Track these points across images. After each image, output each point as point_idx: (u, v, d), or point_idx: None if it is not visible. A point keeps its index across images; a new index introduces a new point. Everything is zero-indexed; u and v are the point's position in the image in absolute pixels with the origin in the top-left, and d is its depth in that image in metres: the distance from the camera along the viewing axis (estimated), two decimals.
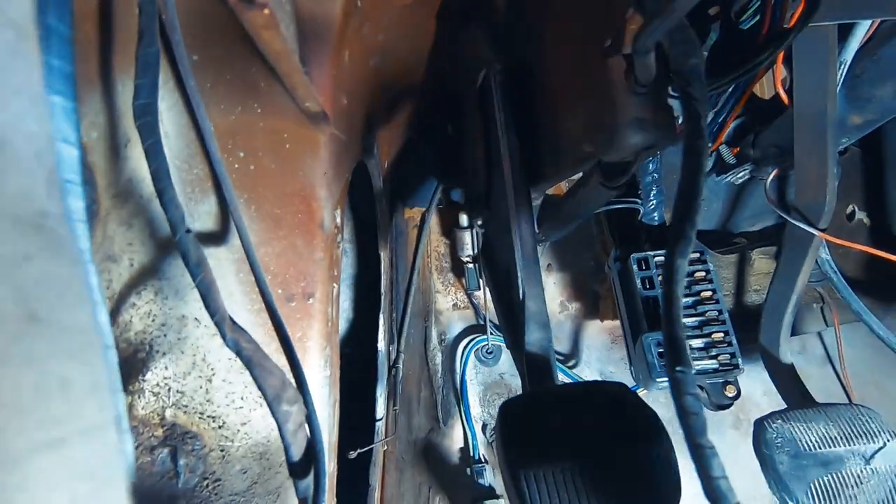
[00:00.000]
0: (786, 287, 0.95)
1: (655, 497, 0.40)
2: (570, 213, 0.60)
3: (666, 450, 0.42)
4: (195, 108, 0.40)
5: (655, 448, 0.42)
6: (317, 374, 0.47)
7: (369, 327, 1.07)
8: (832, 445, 0.78)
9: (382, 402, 0.97)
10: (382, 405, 0.97)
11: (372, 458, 0.90)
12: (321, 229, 0.47)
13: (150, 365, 0.41)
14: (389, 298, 1.06)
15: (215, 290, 0.32)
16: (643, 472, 0.41)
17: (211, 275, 0.32)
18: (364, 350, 1.06)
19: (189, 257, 0.32)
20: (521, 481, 0.40)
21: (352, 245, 1.18)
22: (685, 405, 0.26)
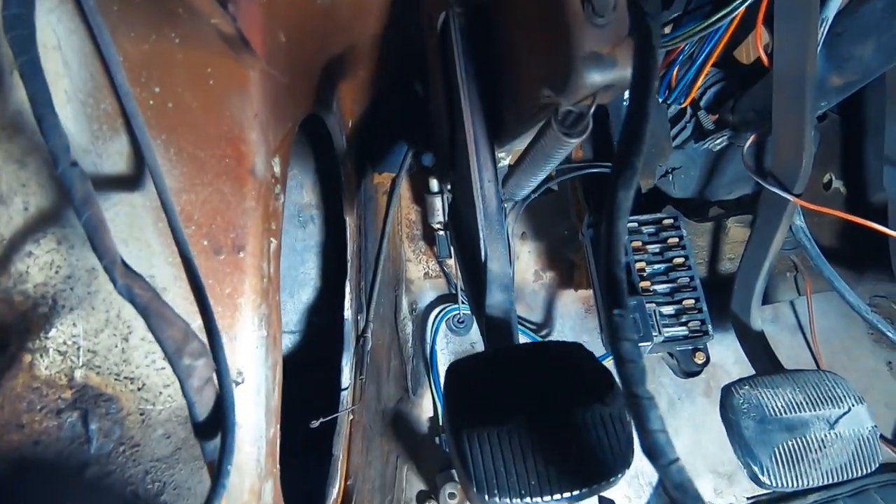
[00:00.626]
0: (759, 253, 0.93)
1: (606, 457, 0.38)
2: (531, 167, 0.56)
3: (619, 408, 0.40)
4: (96, 31, 0.35)
5: (608, 407, 0.40)
6: (250, 333, 0.43)
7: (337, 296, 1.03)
8: (798, 411, 0.77)
9: (348, 371, 0.95)
10: (348, 375, 0.95)
11: (336, 427, 0.88)
12: (252, 176, 0.43)
13: (54, 321, 0.37)
14: (357, 266, 1.02)
15: (104, 229, 0.28)
16: (594, 432, 0.39)
17: (100, 213, 0.28)
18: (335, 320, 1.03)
19: (74, 192, 0.28)
20: (463, 442, 0.37)
21: (319, 212, 1.14)
22: (622, 351, 0.24)
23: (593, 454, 0.38)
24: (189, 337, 0.28)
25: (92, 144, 0.38)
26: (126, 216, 0.39)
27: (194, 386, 0.28)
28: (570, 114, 0.46)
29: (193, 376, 0.28)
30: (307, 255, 1.13)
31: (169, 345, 0.28)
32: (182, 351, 0.28)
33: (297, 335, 1.11)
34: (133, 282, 0.28)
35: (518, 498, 0.36)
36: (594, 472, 0.38)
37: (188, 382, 0.28)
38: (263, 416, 0.44)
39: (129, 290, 0.28)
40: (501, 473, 0.37)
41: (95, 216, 0.28)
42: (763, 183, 0.91)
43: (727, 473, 1.02)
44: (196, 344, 0.29)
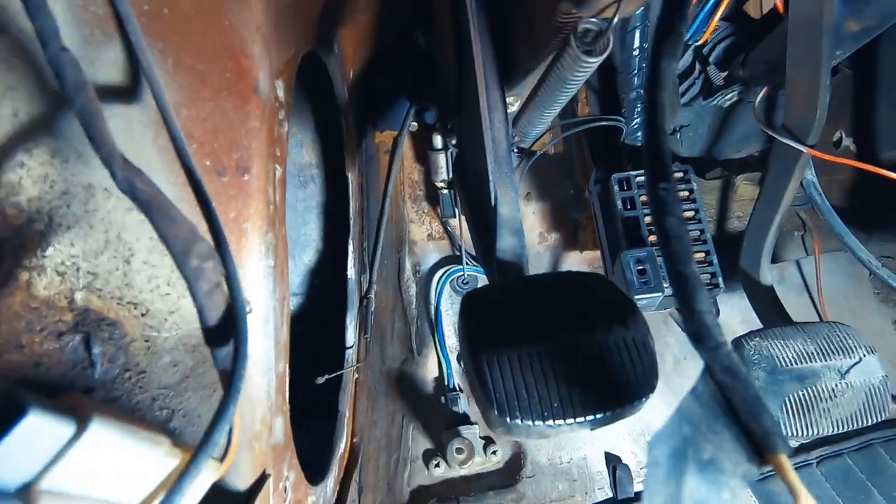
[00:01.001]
0: (770, 207, 0.92)
1: (630, 381, 0.37)
2: (547, 97, 0.54)
3: (642, 334, 0.39)
4: None
5: (630, 332, 0.38)
6: (257, 261, 0.41)
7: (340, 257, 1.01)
8: (808, 361, 0.77)
9: (352, 330, 0.93)
10: (353, 334, 0.93)
11: (342, 385, 0.87)
12: (255, 93, 0.40)
13: (51, 239, 0.35)
14: (359, 226, 1.00)
15: (100, 118, 0.26)
16: (617, 356, 0.37)
17: (96, 101, 0.26)
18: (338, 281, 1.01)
19: (65, 77, 0.25)
20: (482, 365, 0.36)
21: (319, 171, 1.11)
22: (667, 227, 0.22)
23: (616, 378, 0.37)
24: (196, 237, 0.27)
25: (84, 50, 0.35)
26: (123, 131, 0.37)
27: (203, 289, 0.26)
28: (590, 31, 0.44)
29: (202, 279, 0.26)
30: (308, 215, 1.11)
31: (175, 244, 0.26)
32: (189, 251, 0.26)
33: (300, 297, 1.10)
34: (134, 175, 0.26)
35: (541, 420, 0.35)
36: (617, 395, 0.36)
37: (197, 285, 0.26)
38: (273, 348, 0.43)
39: (130, 185, 0.25)
40: (523, 396, 0.35)
41: (90, 103, 0.25)
42: (775, 135, 0.89)
43: None
44: (204, 245, 0.27)
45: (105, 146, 0.25)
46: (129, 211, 0.38)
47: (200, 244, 0.27)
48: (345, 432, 0.83)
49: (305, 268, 1.11)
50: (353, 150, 0.95)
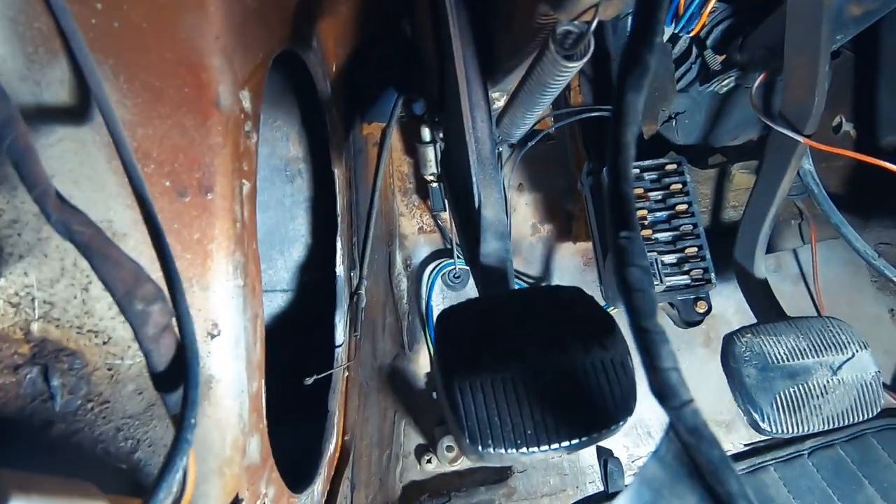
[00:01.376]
0: (765, 199, 0.90)
1: (607, 404, 0.36)
2: (528, 99, 0.52)
3: (621, 354, 0.37)
4: None
5: (609, 352, 0.37)
6: (224, 281, 0.40)
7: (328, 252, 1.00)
8: (800, 357, 0.76)
9: (342, 328, 0.93)
10: (342, 332, 0.93)
11: (332, 384, 0.87)
12: (216, 108, 0.39)
13: (1, 270, 0.34)
14: (348, 221, 0.99)
15: (32, 156, 0.24)
16: (594, 378, 0.36)
17: (27, 137, 0.24)
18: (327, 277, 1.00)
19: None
20: (454, 392, 0.35)
21: (306, 165, 1.09)
22: (629, 278, 0.21)
23: (593, 401, 0.36)
24: (141, 279, 0.25)
25: (27, 69, 0.33)
26: (75, 153, 0.35)
27: (149, 334, 0.25)
28: (570, 34, 0.42)
29: (148, 324, 0.25)
30: (296, 210, 1.09)
31: (117, 287, 0.25)
32: (133, 294, 0.25)
33: (289, 293, 1.09)
34: (71, 216, 0.24)
35: (514, 448, 0.34)
36: (594, 419, 0.35)
37: (142, 330, 0.25)
38: (244, 369, 0.42)
39: (65, 227, 0.24)
40: (496, 423, 0.35)
41: (21, 140, 0.24)
42: (772, 124, 0.86)
43: (725, 422, 1.02)
44: (149, 287, 0.25)
45: (38, 184, 0.24)
46: None
47: (145, 286, 0.25)
48: (334, 432, 0.82)
49: (294, 264, 1.10)
50: (339, 144, 0.93)
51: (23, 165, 0.24)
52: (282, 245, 1.09)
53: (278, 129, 1.06)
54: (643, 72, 0.20)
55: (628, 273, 0.21)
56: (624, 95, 0.21)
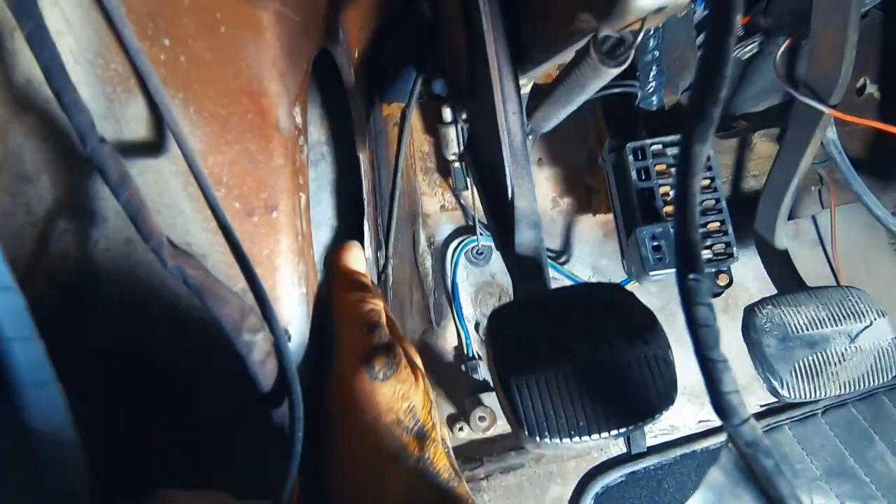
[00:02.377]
0: (787, 169, 0.90)
1: (651, 395, 0.39)
2: (563, 99, 0.53)
3: (663, 350, 0.41)
4: None
5: (651, 347, 0.40)
6: (291, 292, 0.43)
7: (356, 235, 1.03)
8: (819, 327, 0.79)
9: None
10: None
11: None
12: (277, 131, 0.41)
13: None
14: (373, 203, 1.01)
15: (146, 210, 0.27)
16: (638, 372, 0.40)
17: (138, 193, 0.27)
18: None
19: (108, 173, 0.26)
20: (512, 390, 0.39)
21: (329, 147, 1.10)
22: (697, 317, 0.23)
23: (638, 394, 0.40)
24: (245, 312, 0.28)
25: (109, 109, 0.35)
26: (155, 184, 0.38)
27: (256, 361, 0.29)
28: (610, 38, 0.43)
29: (254, 351, 0.28)
30: (322, 194, 1.11)
31: (228, 323, 0.28)
32: (241, 328, 0.28)
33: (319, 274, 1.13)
34: (184, 262, 0.27)
35: (568, 438, 0.38)
36: (639, 410, 0.39)
37: (250, 358, 0.28)
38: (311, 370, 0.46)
39: (181, 271, 0.27)
40: (551, 416, 0.38)
41: (134, 196, 0.26)
42: (796, 94, 0.86)
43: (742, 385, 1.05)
44: (253, 319, 0.29)
45: (153, 236, 0.27)
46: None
47: (250, 319, 0.29)
48: None
49: (323, 246, 1.13)
50: (362, 129, 0.94)
51: (139, 219, 0.26)
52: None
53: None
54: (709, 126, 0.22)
55: (696, 311, 0.23)
56: (691, 148, 0.22)
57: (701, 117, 0.22)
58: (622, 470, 0.91)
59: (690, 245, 0.23)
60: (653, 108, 0.95)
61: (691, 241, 0.23)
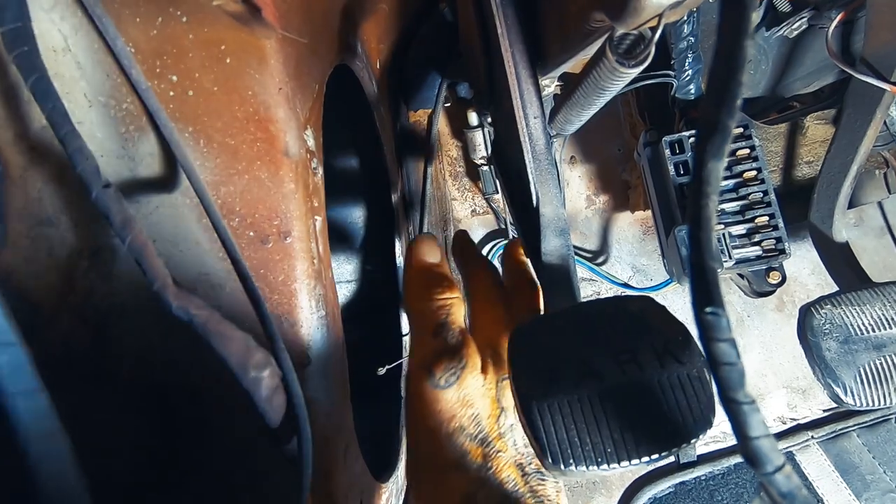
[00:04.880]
0: (845, 154, 0.83)
1: (686, 419, 0.36)
2: (583, 101, 0.50)
3: (698, 368, 0.38)
4: (99, 24, 0.33)
5: (685, 367, 0.38)
6: (309, 316, 0.43)
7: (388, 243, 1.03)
8: (888, 327, 0.72)
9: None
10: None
11: (402, 371, 0.92)
12: (286, 157, 0.41)
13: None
14: (402, 213, 1.01)
15: (149, 251, 0.27)
16: (671, 394, 0.37)
17: (142, 235, 0.28)
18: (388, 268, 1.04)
19: (112, 217, 0.27)
20: (534, 414, 0.37)
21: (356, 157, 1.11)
22: (716, 354, 0.21)
23: (671, 417, 0.37)
24: (251, 350, 0.28)
25: (123, 148, 0.36)
26: (170, 218, 0.38)
27: (264, 397, 0.29)
28: (627, 37, 0.40)
29: (261, 387, 0.28)
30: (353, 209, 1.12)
31: (233, 361, 0.28)
32: (247, 365, 0.28)
33: (353, 284, 1.14)
34: (188, 302, 0.27)
35: (595, 465, 0.36)
36: (673, 435, 0.36)
37: (258, 395, 0.28)
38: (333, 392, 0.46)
39: (186, 312, 0.27)
40: (576, 442, 0.36)
41: (138, 239, 0.27)
42: (852, 72, 0.79)
43: (801, 388, 0.99)
44: (259, 355, 0.29)
45: (158, 278, 0.27)
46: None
47: (256, 356, 0.28)
48: None
49: (356, 255, 1.14)
50: (388, 138, 0.94)
51: (143, 262, 0.27)
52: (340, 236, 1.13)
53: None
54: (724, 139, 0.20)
55: (716, 349, 0.21)
56: (705, 165, 0.20)
57: (715, 130, 0.20)
58: (671, 480, 0.87)
59: (706, 273, 0.21)
60: (690, 97, 0.90)
61: (708, 270, 0.21)
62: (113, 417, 0.38)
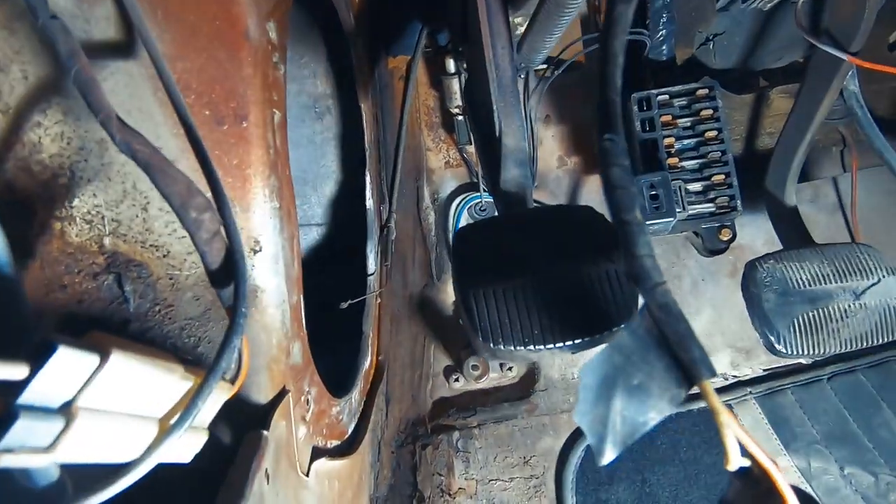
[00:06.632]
0: (803, 121, 0.86)
1: (609, 309, 0.39)
2: (546, 22, 0.52)
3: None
4: None
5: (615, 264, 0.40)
6: (262, 203, 0.44)
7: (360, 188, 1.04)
8: (823, 283, 0.76)
9: (373, 258, 0.98)
10: (373, 261, 0.98)
11: (365, 310, 0.93)
12: (247, 40, 0.41)
13: (75, 192, 0.39)
14: (375, 156, 1.01)
15: (94, 84, 0.28)
16: (598, 287, 0.39)
17: (89, 68, 0.28)
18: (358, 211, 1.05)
19: (58, 46, 0.27)
20: (469, 300, 0.39)
21: (335, 101, 1.11)
22: (612, 177, 0.23)
23: (597, 307, 0.39)
24: (193, 192, 0.29)
25: (77, 8, 0.36)
26: (125, 86, 0.39)
27: (203, 238, 0.30)
28: None
29: (201, 229, 0.30)
30: (326, 147, 1.12)
31: (175, 199, 0.29)
32: (188, 205, 0.29)
33: (323, 227, 1.15)
34: (132, 138, 0.28)
35: (522, 345, 0.38)
36: (597, 322, 0.39)
37: (197, 235, 0.30)
38: (284, 283, 0.47)
39: (128, 147, 0.28)
40: (506, 324, 0.39)
41: (84, 70, 0.28)
42: (815, 42, 0.82)
43: (745, 348, 1.04)
44: (200, 199, 0.30)
45: (102, 110, 0.28)
46: None
47: (197, 198, 0.30)
48: (369, 351, 0.90)
49: (327, 199, 1.15)
50: (365, 78, 0.94)
51: (88, 93, 0.27)
52: (314, 181, 1.13)
53: (305, 67, 1.08)
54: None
55: (611, 172, 0.23)
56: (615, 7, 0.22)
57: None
58: None
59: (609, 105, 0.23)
60: (662, 58, 0.92)
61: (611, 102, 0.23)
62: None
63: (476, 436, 0.95)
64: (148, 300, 0.42)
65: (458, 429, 0.96)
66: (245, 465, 0.34)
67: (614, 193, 0.23)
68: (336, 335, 0.89)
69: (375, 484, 0.90)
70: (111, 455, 0.24)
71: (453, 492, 0.92)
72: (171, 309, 0.42)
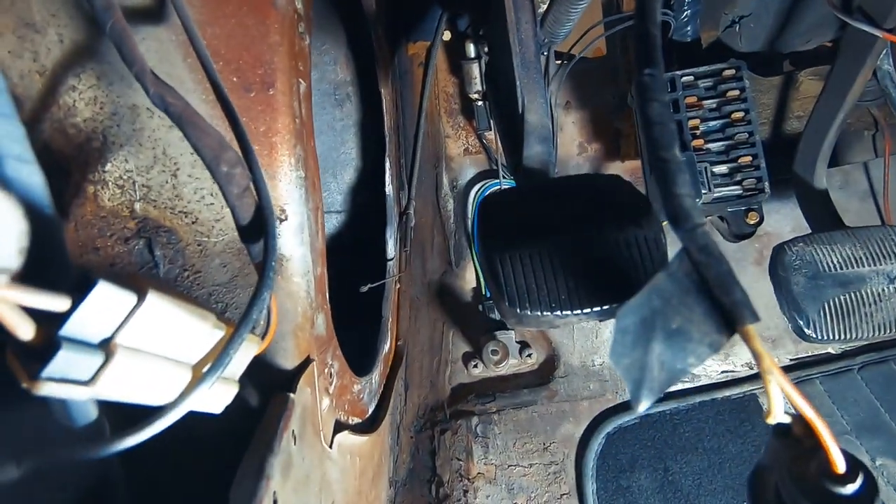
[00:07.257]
0: (834, 102, 0.84)
1: (638, 275, 0.38)
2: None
3: (654, 232, 0.39)
4: None
5: (643, 230, 0.39)
6: (288, 172, 0.44)
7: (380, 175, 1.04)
8: (855, 266, 0.74)
9: (392, 244, 0.98)
10: (392, 247, 0.98)
11: (384, 294, 0.94)
12: (274, 7, 0.41)
13: (108, 156, 0.39)
14: (395, 142, 1.02)
15: (129, 37, 0.28)
16: (626, 252, 0.39)
17: (123, 21, 0.29)
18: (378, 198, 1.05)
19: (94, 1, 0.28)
20: (494, 263, 0.39)
21: (355, 88, 1.11)
22: (650, 113, 0.22)
23: (625, 273, 0.39)
24: (224, 146, 0.30)
25: None
26: (155, 52, 0.39)
27: (234, 192, 0.30)
28: None
29: (232, 183, 0.30)
30: (346, 134, 1.13)
31: (206, 153, 0.29)
32: (219, 158, 0.29)
33: (343, 214, 1.15)
34: (165, 91, 0.29)
35: (549, 311, 0.38)
36: (624, 289, 0.38)
37: (228, 189, 0.30)
38: (309, 253, 0.47)
39: (161, 99, 0.28)
40: (532, 289, 0.38)
41: (119, 24, 0.28)
42: (848, 19, 0.79)
43: (771, 337, 1.02)
44: (231, 153, 0.30)
45: (136, 63, 0.28)
46: (171, 129, 0.41)
47: (228, 152, 0.30)
48: (388, 335, 0.90)
49: (346, 186, 1.15)
50: (385, 64, 0.94)
51: (123, 46, 0.28)
52: (334, 168, 1.14)
53: (326, 53, 1.08)
54: None
55: (650, 108, 0.22)
56: None
57: None
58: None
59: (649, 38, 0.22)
60: (687, 38, 0.90)
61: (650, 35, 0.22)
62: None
63: (495, 421, 0.94)
64: (177, 266, 0.42)
65: (478, 414, 0.96)
66: (273, 423, 0.34)
67: (653, 129, 0.22)
68: (356, 319, 0.90)
69: (395, 468, 0.90)
70: (147, 396, 0.24)
71: (472, 476, 0.91)
72: (199, 275, 0.43)
